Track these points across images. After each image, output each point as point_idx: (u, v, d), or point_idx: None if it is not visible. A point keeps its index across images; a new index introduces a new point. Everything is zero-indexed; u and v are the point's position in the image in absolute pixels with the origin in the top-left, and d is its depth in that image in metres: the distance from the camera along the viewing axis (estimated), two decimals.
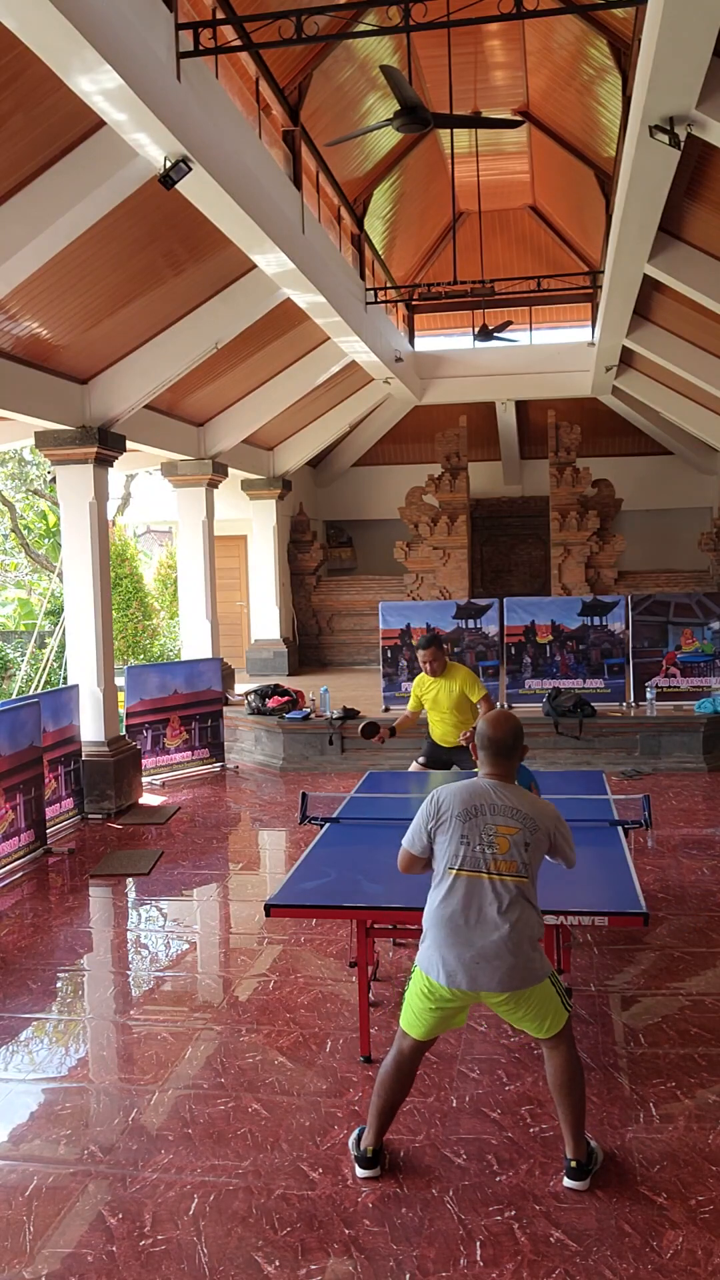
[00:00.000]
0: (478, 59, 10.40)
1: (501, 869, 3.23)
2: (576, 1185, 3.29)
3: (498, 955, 3.19)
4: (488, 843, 3.25)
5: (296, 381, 11.51)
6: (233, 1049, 4.34)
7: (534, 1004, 3.27)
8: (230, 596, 14.99)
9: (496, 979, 3.20)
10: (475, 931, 3.22)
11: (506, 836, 3.25)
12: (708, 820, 7.89)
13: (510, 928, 3.20)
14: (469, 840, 3.27)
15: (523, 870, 3.25)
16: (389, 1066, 3.41)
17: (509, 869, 3.23)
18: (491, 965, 3.19)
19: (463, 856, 3.26)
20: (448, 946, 3.25)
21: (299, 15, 5.46)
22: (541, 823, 3.31)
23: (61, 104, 5.18)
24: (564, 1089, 3.32)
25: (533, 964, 3.24)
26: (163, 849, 7.46)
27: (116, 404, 8.53)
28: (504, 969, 3.19)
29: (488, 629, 10.85)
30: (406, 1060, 3.40)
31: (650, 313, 10.05)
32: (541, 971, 3.27)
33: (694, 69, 4.96)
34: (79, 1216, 3.26)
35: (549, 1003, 3.29)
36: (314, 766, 10.21)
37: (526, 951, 3.22)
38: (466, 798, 3.33)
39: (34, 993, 5.05)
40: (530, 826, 3.28)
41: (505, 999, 3.25)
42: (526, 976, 3.22)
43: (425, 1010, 3.32)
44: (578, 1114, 3.33)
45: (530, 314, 15.22)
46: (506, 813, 3.28)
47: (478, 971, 3.20)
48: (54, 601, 15.99)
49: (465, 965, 3.21)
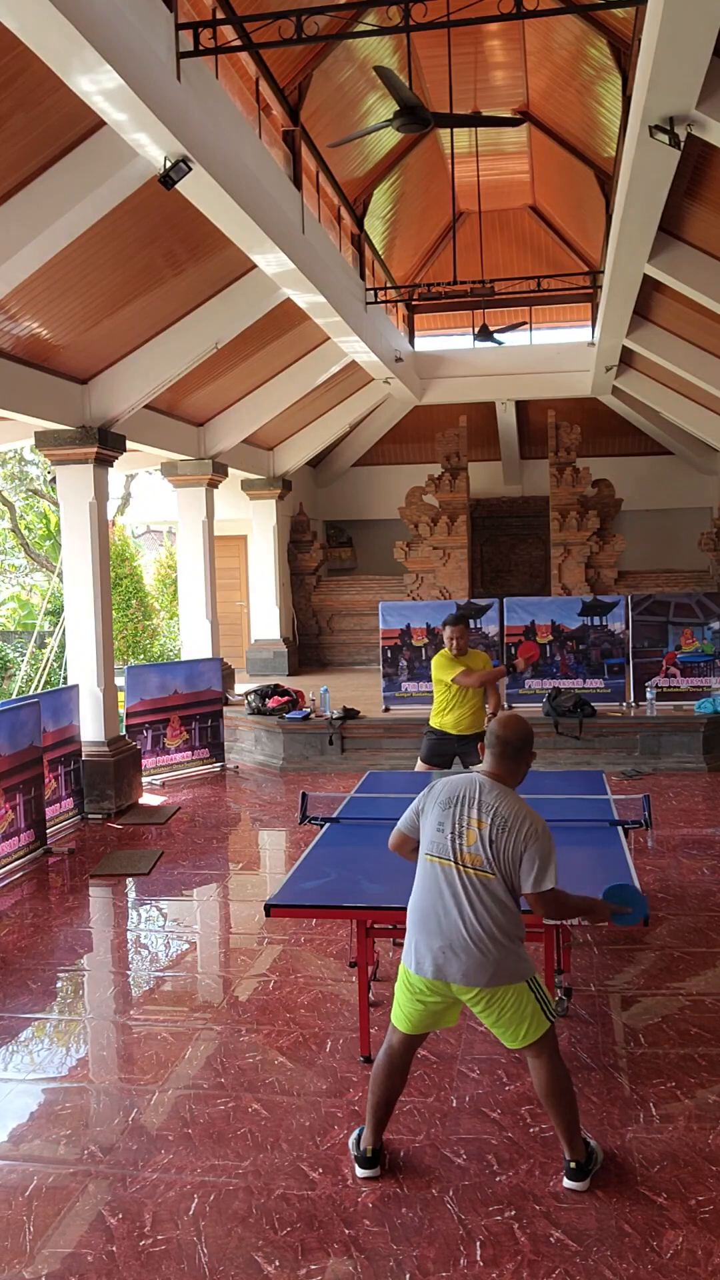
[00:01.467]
0: (478, 59, 10.40)
1: (467, 861, 3.24)
2: (576, 1186, 3.29)
3: (464, 948, 3.19)
4: (459, 833, 3.27)
5: (296, 381, 11.51)
6: (233, 1049, 4.34)
7: (507, 1007, 3.23)
8: (230, 596, 14.99)
9: (461, 971, 3.19)
10: (444, 920, 3.23)
11: (475, 830, 3.25)
12: (708, 820, 7.89)
13: (476, 921, 3.19)
14: (444, 827, 3.30)
15: (487, 867, 3.22)
16: (380, 1061, 3.44)
17: (474, 862, 3.23)
18: (458, 957, 3.20)
19: (436, 843, 3.30)
20: (419, 933, 3.28)
21: (299, 15, 5.46)
22: (514, 825, 3.21)
23: (61, 104, 5.18)
24: (550, 1098, 3.30)
25: (505, 963, 3.20)
26: (163, 849, 7.46)
27: (116, 404, 8.53)
28: (469, 962, 3.18)
29: (488, 629, 10.84)
30: (397, 1055, 3.41)
31: (650, 313, 10.05)
32: (518, 973, 3.23)
33: (694, 69, 4.96)
34: (79, 1216, 3.26)
35: (525, 1008, 3.24)
36: (314, 766, 10.21)
37: (494, 949, 3.19)
38: (454, 787, 3.37)
39: (34, 993, 5.05)
40: (501, 826, 3.22)
41: (475, 995, 3.23)
42: (496, 974, 3.19)
43: (407, 1002, 3.34)
44: (568, 1120, 3.31)
45: (530, 314, 15.21)
46: (484, 808, 3.27)
47: (444, 961, 3.21)
48: (54, 601, 15.99)
49: (433, 954, 3.23)
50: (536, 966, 4.27)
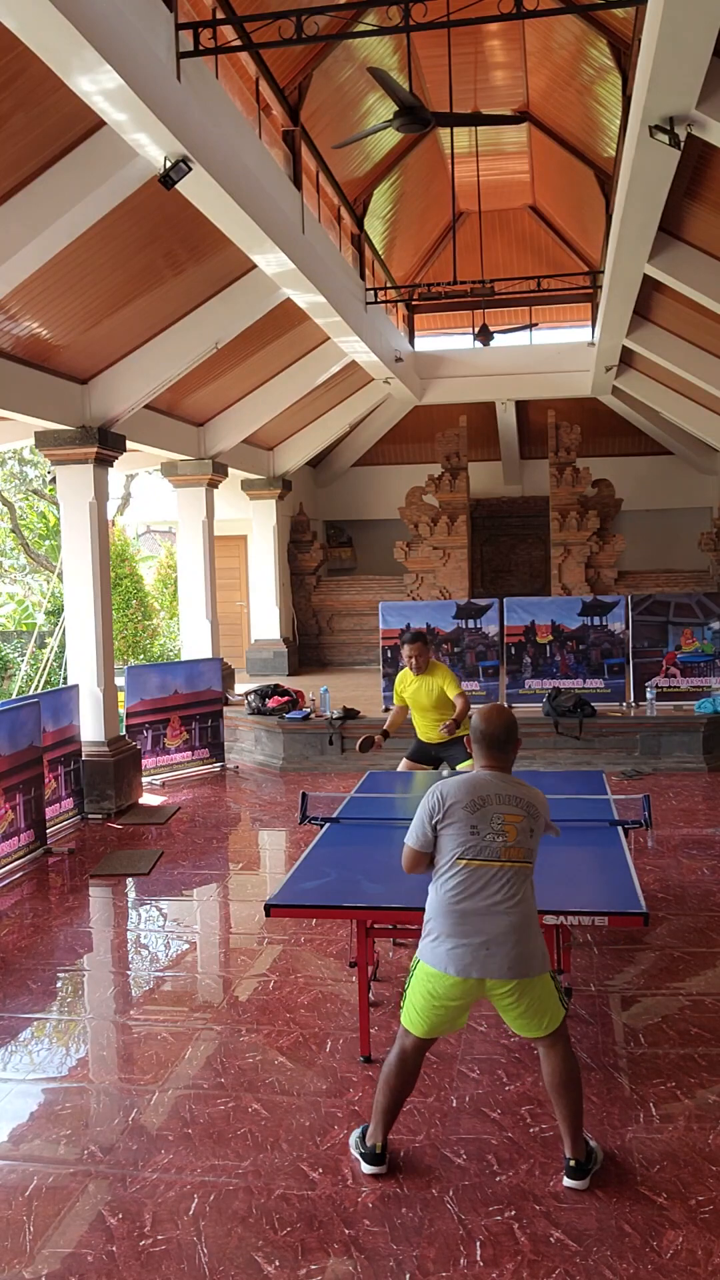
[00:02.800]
0: (478, 59, 10.40)
1: (511, 855, 3.29)
2: (576, 1184, 3.30)
3: (506, 941, 3.23)
4: (497, 831, 3.29)
5: (296, 381, 11.51)
6: (233, 1049, 4.34)
7: (535, 996, 3.29)
8: (230, 596, 14.99)
9: (506, 965, 3.23)
10: (486, 919, 3.25)
11: (514, 825, 3.30)
12: (708, 820, 7.89)
13: (519, 913, 3.26)
14: (479, 830, 3.30)
15: (529, 856, 3.33)
16: (392, 1064, 3.42)
17: (518, 855, 3.30)
18: (501, 951, 3.23)
19: (473, 845, 3.29)
20: (458, 937, 3.26)
21: (299, 15, 5.46)
22: (541, 809, 3.40)
23: (61, 104, 5.18)
24: (561, 1088, 3.33)
25: (537, 952, 3.30)
26: (163, 849, 7.46)
27: (116, 404, 8.53)
28: (513, 955, 3.23)
29: (488, 629, 10.84)
30: (410, 1058, 3.41)
31: (650, 313, 10.05)
32: (544, 963, 3.33)
33: (694, 69, 4.96)
34: (79, 1216, 3.26)
35: (549, 998, 3.32)
36: (314, 766, 10.21)
37: (532, 937, 3.29)
38: (471, 789, 3.36)
39: (34, 993, 5.05)
40: (532, 813, 3.35)
41: (510, 989, 3.26)
42: (531, 965, 3.27)
43: (429, 1007, 3.32)
44: (575, 1113, 3.33)
45: (530, 314, 15.22)
46: (511, 801, 3.34)
47: (488, 959, 3.23)
48: (54, 601, 15.99)
49: (474, 952, 3.24)
50: None
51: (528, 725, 9.87)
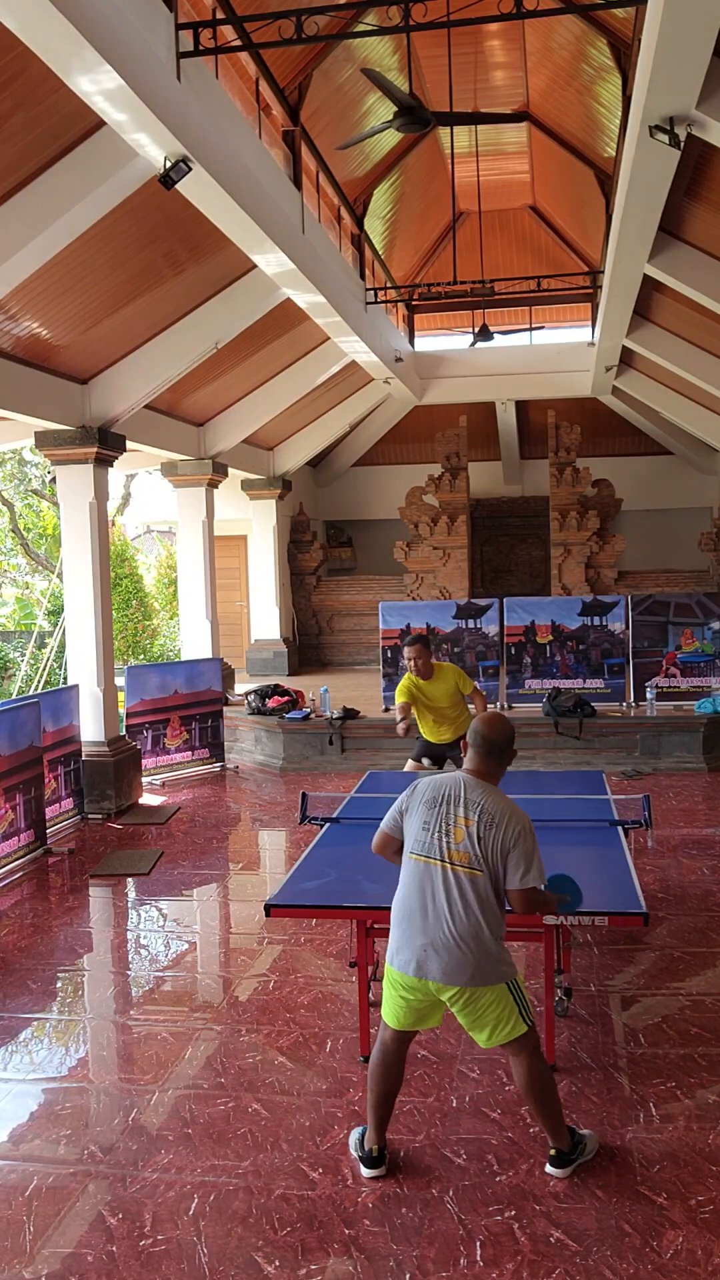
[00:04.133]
0: (478, 59, 10.40)
1: (455, 858, 3.24)
2: (558, 1173, 3.32)
3: (445, 947, 3.20)
4: (445, 830, 3.27)
5: (296, 381, 11.51)
6: (233, 1049, 4.34)
7: (483, 1007, 3.24)
8: (230, 596, 14.99)
9: (442, 970, 3.20)
10: (427, 919, 3.24)
11: (463, 827, 3.26)
12: (708, 820, 7.89)
13: (459, 920, 3.20)
14: (429, 826, 3.30)
15: (476, 864, 3.23)
16: (375, 1057, 3.46)
17: (462, 859, 3.24)
18: (439, 956, 3.20)
19: (422, 842, 3.31)
20: (402, 931, 3.29)
21: (299, 15, 5.46)
22: (502, 822, 3.23)
23: (61, 104, 5.18)
24: (530, 1094, 3.33)
25: (485, 964, 3.21)
26: (163, 849, 7.46)
27: (116, 404, 8.53)
28: (451, 962, 3.19)
29: (488, 629, 10.84)
30: (390, 1051, 3.42)
31: (650, 313, 10.05)
32: (498, 974, 3.24)
33: (694, 69, 4.96)
34: (79, 1216, 3.26)
35: (500, 1009, 3.25)
36: (314, 766, 10.21)
37: (476, 948, 3.20)
38: (438, 786, 3.38)
39: (34, 993, 5.05)
40: (488, 822, 3.24)
41: (454, 994, 3.24)
42: (477, 975, 3.20)
43: (393, 998, 3.36)
44: (548, 1115, 3.34)
45: (530, 314, 15.21)
46: (470, 805, 3.29)
47: (426, 959, 3.22)
48: (54, 601, 15.99)
49: (415, 951, 3.25)
50: (537, 966, 4.27)
51: (528, 725, 9.88)
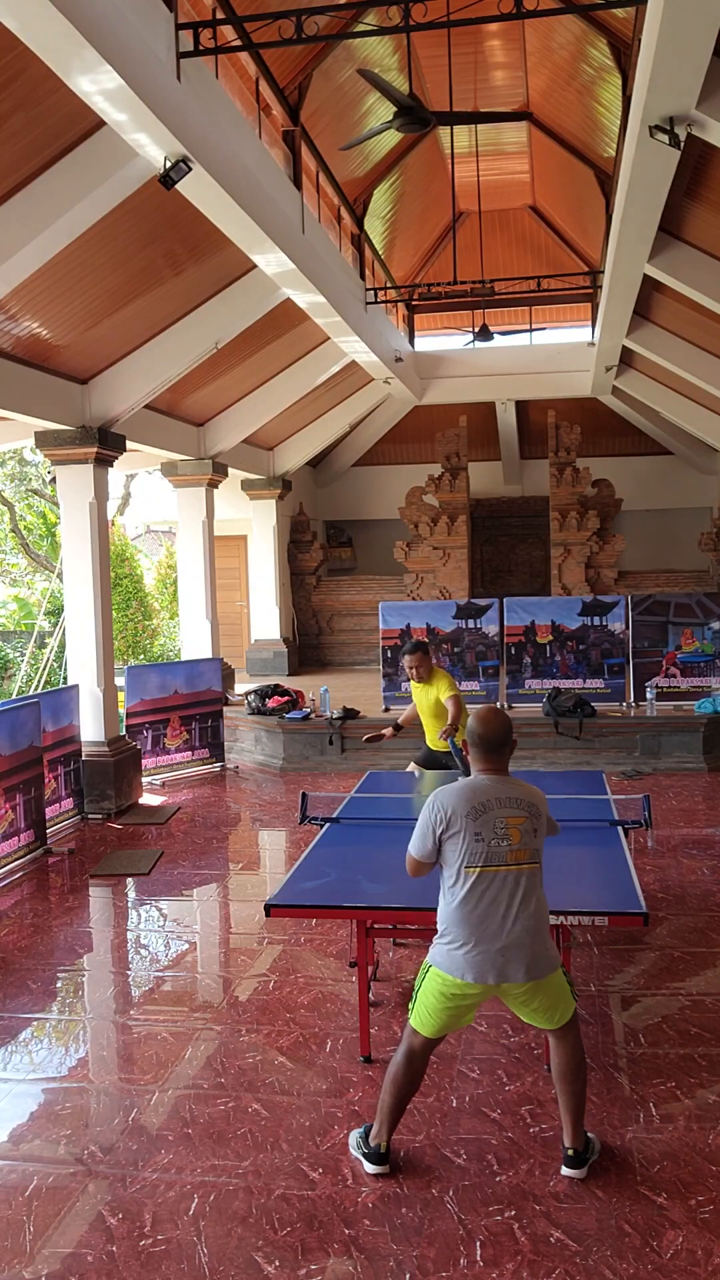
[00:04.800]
0: (478, 59, 10.40)
1: (520, 859, 3.30)
2: (574, 1173, 3.33)
3: (522, 945, 3.25)
4: (502, 835, 3.30)
5: (296, 381, 11.51)
6: (233, 1049, 4.34)
7: (550, 993, 3.32)
8: (230, 596, 14.99)
9: (523, 969, 3.25)
10: (501, 925, 3.26)
11: (517, 827, 3.31)
12: (708, 820, 7.89)
13: (532, 915, 3.28)
14: (483, 837, 3.29)
15: (535, 857, 3.34)
16: (400, 1064, 3.41)
17: (525, 857, 3.31)
18: (519, 956, 3.25)
19: (480, 854, 3.29)
20: (474, 944, 3.26)
21: (299, 15, 5.46)
22: (541, 807, 3.42)
23: (61, 104, 5.18)
24: (568, 1076, 3.37)
25: (550, 951, 3.34)
26: (163, 849, 7.46)
27: (116, 404, 8.53)
28: (529, 958, 3.26)
29: (488, 629, 10.84)
30: (417, 1058, 3.42)
31: (650, 313, 10.05)
32: (556, 959, 3.36)
33: (694, 69, 4.96)
34: (79, 1216, 3.26)
35: (561, 991, 3.36)
36: (314, 766, 10.21)
37: (545, 938, 3.32)
38: (471, 796, 3.34)
39: (34, 993, 5.05)
40: (534, 814, 3.37)
41: (526, 989, 3.29)
42: (545, 964, 3.30)
43: (441, 1009, 3.34)
44: (579, 1102, 3.38)
45: (530, 314, 15.20)
46: (512, 804, 3.34)
47: (505, 963, 3.25)
48: (54, 601, 15.99)
49: (492, 959, 3.25)
50: None
51: (528, 725, 9.88)
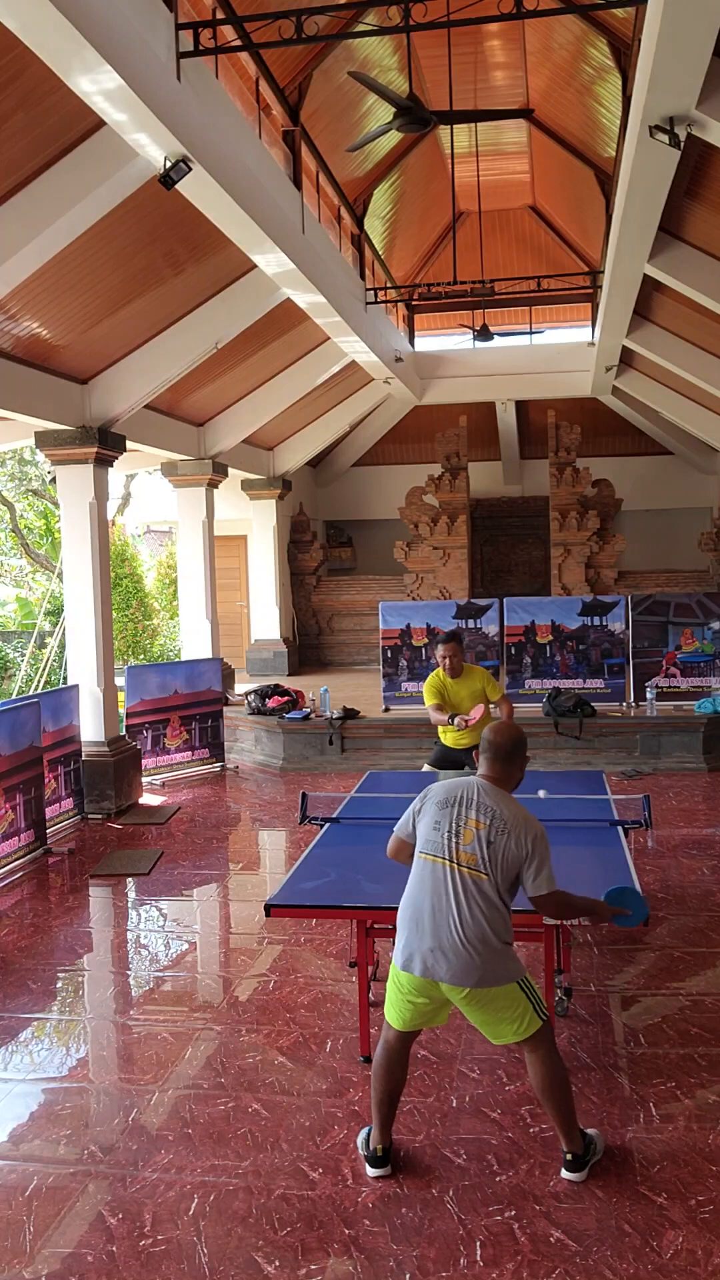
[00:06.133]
0: (478, 59, 10.40)
1: (462, 859, 3.26)
2: (574, 1176, 3.32)
3: (453, 949, 3.20)
4: (455, 831, 3.29)
5: (296, 381, 11.51)
6: (233, 1049, 4.34)
7: (496, 1007, 3.25)
8: (230, 596, 14.99)
9: (450, 972, 3.21)
10: (434, 920, 3.25)
11: (473, 829, 3.28)
12: (708, 820, 7.89)
13: (466, 922, 3.21)
14: (440, 826, 3.32)
15: (482, 866, 3.24)
16: (378, 1057, 3.46)
17: (469, 860, 3.25)
18: (446, 958, 3.21)
19: (431, 841, 3.32)
20: (409, 932, 3.30)
21: (299, 15, 5.46)
22: (513, 827, 3.25)
23: (61, 104, 5.19)
24: (545, 1093, 3.33)
25: (493, 965, 3.21)
26: (163, 849, 7.46)
27: (116, 404, 8.53)
28: (459, 963, 3.20)
29: (488, 629, 10.84)
30: (394, 1050, 3.43)
31: (650, 313, 10.05)
32: (506, 974, 3.24)
33: (694, 69, 4.96)
34: (79, 1216, 3.26)
35: (513, 1008, 3.26)
36: (314, 766, 10.21)
37: (484, 950, 3.20)
38: (451, 788, 3.40)
39: (34, 993, 5.05)
40: (499, 827, 3.26)
41: (465, 995, 3.24)
42: (485, 976, 3.20)
43: (398, 1000, 3.36)
44: (564, 1114, 3.34)
45: (530, 314, 15.20)
46: (481, 809, 3.31)
47: (433, 961, 3.23)
48: (54, 601, 15.99)
49: (422, 954, 3.25)
50: (537, 966, 4.27)
51: (528, 725, 9.87)
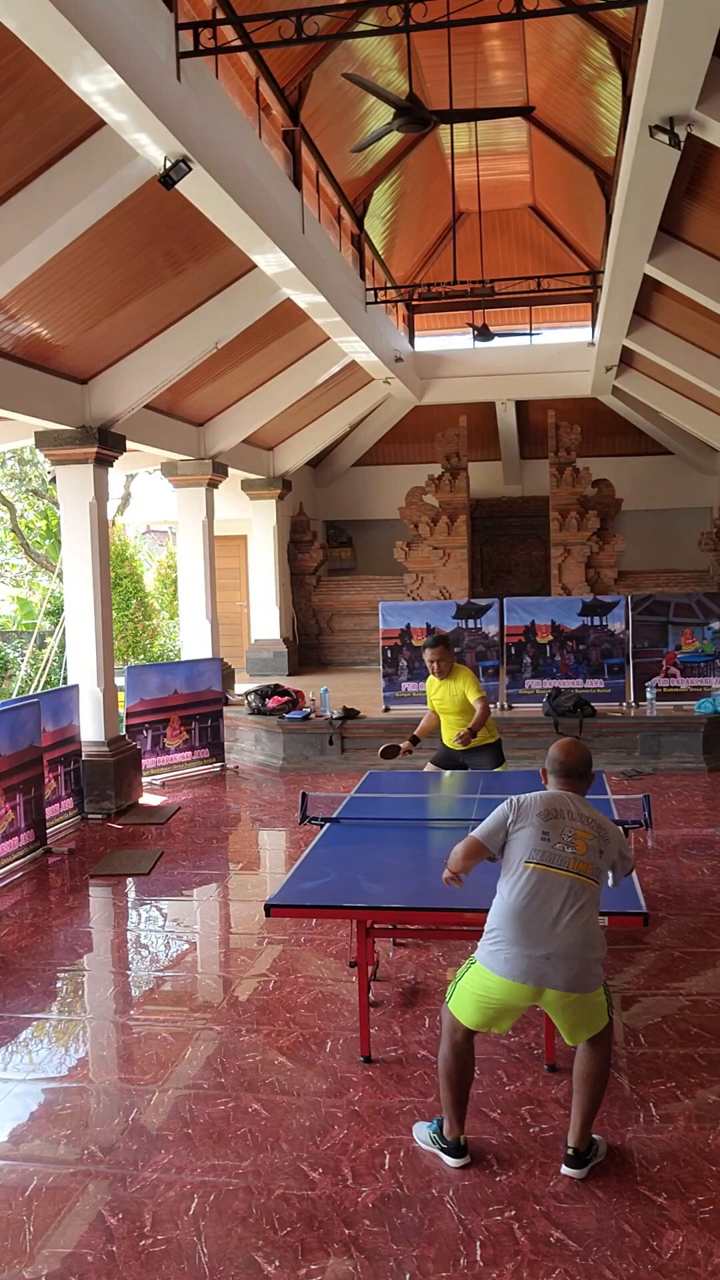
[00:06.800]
0: (478, 59, 10.40)
1: (580, 868, 3.32)
2: (574, 1173, 3.33)
3: (568, 954, 3.24)
4: (568, 842, 3.34)
5: (296, 381, 11.51)
6: (233, 1049, 4.34)
7: (588, 1009, 3.34)
8: (230, 596, 14.99)
9: (564, 979, 3.25)
10: (550, 929, 3.26)
11: (584, 840, 3.35)
12: (708, 820, 7.89)
13: (582, 928, 3.27)
14: (550, 837, 3.35)
15: (595, 875, 3.35)
16: (447, 1058, 3.43)
17: (585, 869, 3.32)
18: (562, 965, 3.24)
19: (542, 851, 3.33)
20: (519, 942, 3.27)
21: (299, 15, 5.46)
22: (612, 838, 3.44)
23: (61, 104, 5.19)
24: (589, 1081, 3.38)
25: (597, 970, 3.33)
26: (163, 849, 7.46)
27: (116, 404, 8.53)
28: (573, 970, 3.25)
29: (488, 629, 10.84)
30: (462, 1048, 3.43)
31: (650, 313, 10.05)
32: (600, 979, 3.35)
33: (694, 69, 4.96)
34: (79, 1216, 3.26)
35: (599, 1009, 3.37)
36: (314, 766, 10.21)
37: (593, 955, 3.29)
38: (549, 800, 3.45)
39: (34, 993, 5.05)
40: (603, 837, 3.40)
41: (565, 1000, 3.29)
42: (590, 981, 3.29)
43: (480, 1004, 3.36)
44: (594, 1106, 3.39)
45: (530, 314, 15.20)
46: (585, 821, 3.41)
47: (548, 969, 3.24)
48: (54, 601, 15.99)
49: (536, 962, 3.25)
50: None
51: (528, 725, 9.89)
